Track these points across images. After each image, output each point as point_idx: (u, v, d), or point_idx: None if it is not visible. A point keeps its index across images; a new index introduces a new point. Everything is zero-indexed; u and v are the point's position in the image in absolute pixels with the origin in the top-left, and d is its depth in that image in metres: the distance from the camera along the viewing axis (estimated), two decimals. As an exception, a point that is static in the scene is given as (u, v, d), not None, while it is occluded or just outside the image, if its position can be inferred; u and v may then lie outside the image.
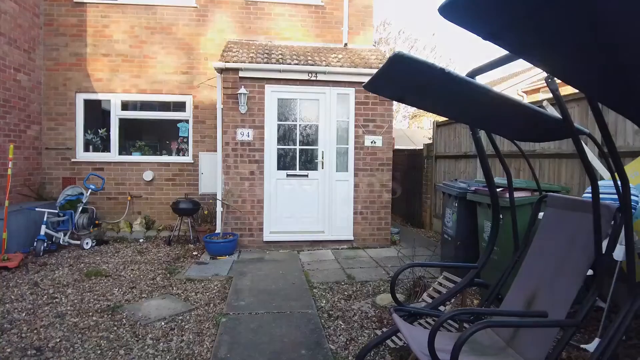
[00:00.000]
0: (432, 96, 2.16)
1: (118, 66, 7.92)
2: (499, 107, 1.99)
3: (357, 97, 6.75)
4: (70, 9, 7.86)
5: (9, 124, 6.95)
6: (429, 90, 2.05)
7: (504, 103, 1.89)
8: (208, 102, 7.91)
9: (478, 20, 1.18)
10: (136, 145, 8.17)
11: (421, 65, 1.74)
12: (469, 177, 7.05)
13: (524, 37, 1.27)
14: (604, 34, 1.03)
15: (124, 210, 7.83)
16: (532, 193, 4.15)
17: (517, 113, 2.01)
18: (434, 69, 1.74)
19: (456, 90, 1.90)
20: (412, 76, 1.88)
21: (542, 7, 1.01)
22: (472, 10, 1.12)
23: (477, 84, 1.81)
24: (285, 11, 8.20)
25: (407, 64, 1.76)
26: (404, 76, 1.92)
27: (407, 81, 1.99)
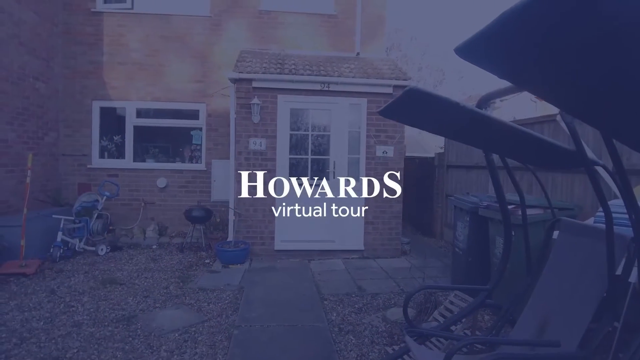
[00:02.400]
0: (445, 124, 2.19)
1: (134, 74, 8.06)
2: (512, 136, 2.01)
3: (369, 108, 6.78)
4: (88, 18, 8.03)
5: (28, 132, 7.12)
6: (443, 119, 2.08)
7: (518, 134, 1.91)
8: (221, 111, 8.00)
9: (492, 63, 1.22)
10: (150, 152, 8.30)
11: (435, 99, 1.77)
12: (480, 188, 7.03)
13: (536, 81, 1.30)
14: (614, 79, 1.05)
15: (137, 217, 7.95)
16: (545, 210, 4.13)
17: (531, 143, 2.03)
18: (448, 103, 1.77)
19: (470, 121, 1.93)
20: (426, 108, 1.92)
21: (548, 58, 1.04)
22: (485, 53, 1.16)
23: (493, 118, 1.84)
24: (298, 20, 8.27)
25: (422, 98, 1.79)
26: (418, 107, 1.96)
27: (421, 111, 2.03)
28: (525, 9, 0.87)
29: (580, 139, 1.97)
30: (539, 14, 0.87)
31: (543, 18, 0.88)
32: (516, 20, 0.92)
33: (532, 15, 0.88)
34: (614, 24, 0.82)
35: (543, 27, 0.91)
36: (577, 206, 4.47)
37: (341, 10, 8.37)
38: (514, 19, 0.91)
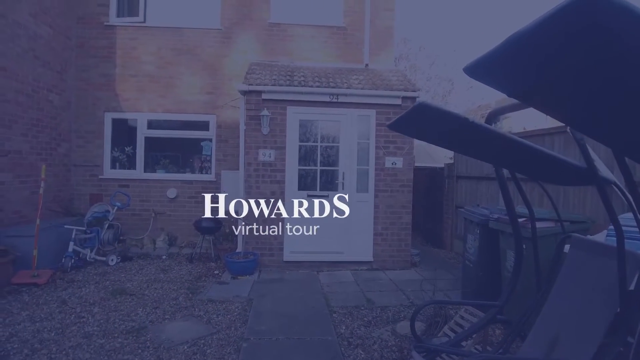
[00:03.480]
0: (454, 139, 2.20)
1: (145, 86, 8.18)
2: (522, 153, 2.01)
3: (377, 119, 6.79)
4: (101, 31, 8.18)
5: (41, 143, 7.24)
6: (452, 134, 2.08)
7: (528, 151, 1.91)
8: (231, 122, 8.07)
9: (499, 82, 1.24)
10: (160, 163, 8.39)
11: (444, 115, 1.78)
12: (490, 199, 6.98)
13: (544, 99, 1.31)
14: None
15: (147, 227, 8.00)
16: (556, 223, 4.09)
17: (541, 159, 2.02)
18: (457, 118, 1.78)
19: (480, 136, 1.93)
20: (435, 122, 1.92)
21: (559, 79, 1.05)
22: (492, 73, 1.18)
23: (503, 134, 1.84)
24: (307, 33, 8.35)
25: (431, 113, 1.80)
26: (427, 122, 1.96)
27: (430, 126, 2.03)
28: (532, 33, 0.88)
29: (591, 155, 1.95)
30: (546, 38, 0.88)
31: (550, 41, 0.89)
32: (523, 43, 0.93)
33: (539, 39, 0.89)
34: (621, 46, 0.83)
35: (550, 49, 0.92)
36: (589, 219, 4.41)
37: (350, 22, 8.44)
38: (522, 41, 0.93)
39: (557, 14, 0.80)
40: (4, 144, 6.34)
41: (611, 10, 0.75)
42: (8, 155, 6.40)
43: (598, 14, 0.77)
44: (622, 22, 0.76)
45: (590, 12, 0.77)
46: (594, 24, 0.79)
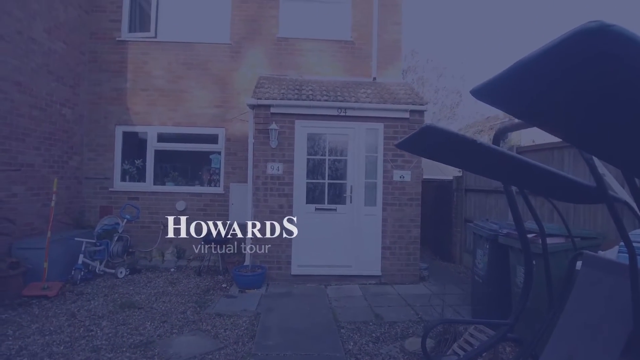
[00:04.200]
0: (462, 159, 2.20)
1: (155, 100, 8.29)
2: (530, 172, 2.00)
3: (385, 132, 6.81)
4: (113, 46, 8.34)
5: (54, 156, 7.35)
6: (459, 154, 2.08)
7: (536, 170, 1.90)
8: (239, 135, 8.14)
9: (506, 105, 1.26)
10: (170, 175, 8.46)
11: (451, 137, 1.78)
12: (500, 213, 6.93)
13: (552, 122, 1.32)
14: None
15: (156, 239, 8.05)
16: (567, 239, 4.05)
17: (549, 178, 2.01)
18: (464, 140, 1.78)
19: (487, 156, 1.93)
20: (442, 143, 1.93)
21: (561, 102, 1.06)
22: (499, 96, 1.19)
23: (510, 155, 1.84)
24: (316, 47, 8.44)
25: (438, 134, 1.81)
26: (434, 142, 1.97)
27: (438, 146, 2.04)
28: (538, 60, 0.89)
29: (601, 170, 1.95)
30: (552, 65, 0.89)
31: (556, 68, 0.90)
32: (529, 69, 0.95)
33: (545, 65, 0.91)
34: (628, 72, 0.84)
35: (556, 76, 0.93)
36: (600, 235, 4.36)
37: (357, 36, 8.52)
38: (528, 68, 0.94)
39: (563, 42, 0.81)
40: (17, 158, 6.44)
41: (617, 40, 0.76)
42: (21, 169, 6.49)
43: (604, 43, 0.78)
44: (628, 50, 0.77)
45: (596, 41, 0.78)
46: (601, 53, 0.80)
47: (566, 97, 1.01)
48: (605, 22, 0.75)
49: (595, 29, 0.75)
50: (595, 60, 0.82)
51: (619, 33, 0.75)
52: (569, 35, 0.79)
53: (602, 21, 0.75)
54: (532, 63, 0.92)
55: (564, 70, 0.89)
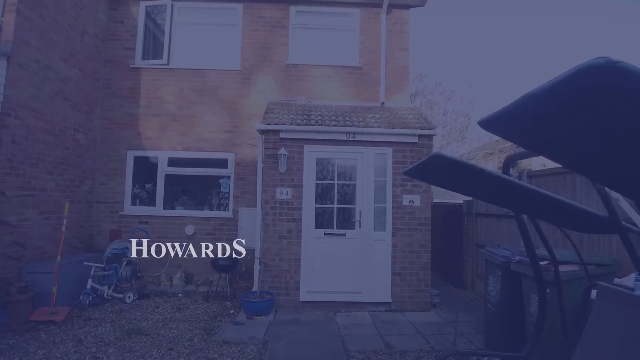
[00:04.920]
0: (471, 187, 2.17)
1: (167, 125, 8.43)
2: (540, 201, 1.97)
3: (394, 157, 6.81)
4: (127, 73, 8.55)
5: (66, 180, 7.44)
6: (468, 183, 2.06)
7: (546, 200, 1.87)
8: (249, 159, 8.19)
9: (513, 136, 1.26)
10: (179, 199, 8.50)
11: (460, 166, 1.77)
12: (511, 238, 6.81)
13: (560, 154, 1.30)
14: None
15: (165, 263, 8.03)
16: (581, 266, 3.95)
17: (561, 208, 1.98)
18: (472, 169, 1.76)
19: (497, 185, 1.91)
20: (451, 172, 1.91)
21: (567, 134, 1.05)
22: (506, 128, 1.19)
23: (520, 184, 1.81)
24: (324, 73, 8.56)
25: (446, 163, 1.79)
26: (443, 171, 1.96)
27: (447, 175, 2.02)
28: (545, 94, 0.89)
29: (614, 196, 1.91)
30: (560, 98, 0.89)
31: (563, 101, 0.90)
32: (536, 103, 0.95)
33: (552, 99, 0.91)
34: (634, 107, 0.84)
35: (563, 109, 0.93)
36: (616, 262, 4.25)
37: (366, 62, 8.63)
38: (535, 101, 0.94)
39: (569, 78, 0.82)
40: (30, 182, 6.54)
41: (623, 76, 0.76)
42: (34, 194, 6.58)
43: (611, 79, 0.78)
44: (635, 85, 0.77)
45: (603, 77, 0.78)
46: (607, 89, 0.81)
47: (573, 130, 1.01)
48: (612, 58, 0.75)
49: (602, 66, 0.75)
50: (602, 95, 0.83)
51: (626, 70, 0.75)
52: (576, 71, 0.80)
53: (609, 58, 0.75)
54: (539, 97, 0.92)
55: (570, 105, 0.90)
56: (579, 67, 0.79)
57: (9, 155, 6.10)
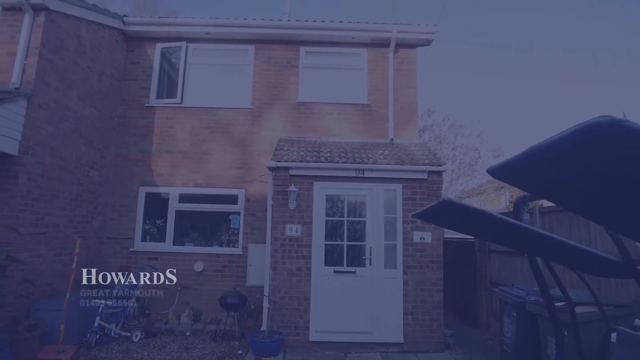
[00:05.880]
0: (482, 231, 2.16)
1: (179, 162, 8.56)
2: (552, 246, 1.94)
3: (404, 193, 6.80)
4: (141, 111, 8.79)
5: (78, 217, 7.53)
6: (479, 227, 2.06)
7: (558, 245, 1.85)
8: (259, 196, 8.24)
9: (521, 184, 1.28)
10: (189, 235, 8.52)
11: (469, 211, 1.77)
12: (525, 275, 6.65)
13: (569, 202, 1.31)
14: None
15: (173, 300, 7.94)
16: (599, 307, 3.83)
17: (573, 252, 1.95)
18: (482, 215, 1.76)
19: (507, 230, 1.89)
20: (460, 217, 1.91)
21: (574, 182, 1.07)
22: (514, 176, 1.22)
23: (530, 229, 1.80)
24: (334, 110, 8.72)
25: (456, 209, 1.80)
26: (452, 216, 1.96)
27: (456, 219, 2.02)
28: (551, 148, 0.92)
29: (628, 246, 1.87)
30: (564, 152, 0.92)
31: (568, 155, 0.92)
32: (543, 155, 0.97)
33: (557, 153, 0.93)
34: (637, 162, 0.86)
35: (568, 162, 0.95)
36: (635, 302, 4.14)
37: (374, 99, 8.79)
38: (542, 153, 0.96)
39: (574, 134, 0.84)
40: (44, 219, 6.62)
41: (627, 134, 0.78)
42: (46, 232, 6.65)
43: (614, 137, 0.80)
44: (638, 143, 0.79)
45: (607, 135, 0.80)
46: (611, 145, 0.83)
47: (577, 180, 1.03)
48: (615, 117, 0.78)
49: (606, 124, 0.77)
50: (606, 151, 0.85)
51: (630, 128, 0.77)
52: (581, 127, 0.82)
53: (613, 116, 0.78)
54: (544, 150, 0.95)
55: (574, 158, 0.93)
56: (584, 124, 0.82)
57: (24, 192, 6.22)
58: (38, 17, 6.57)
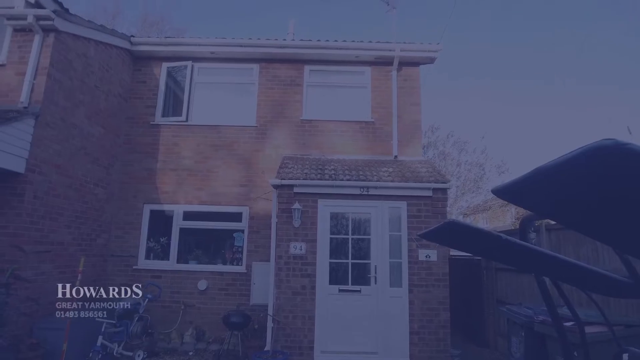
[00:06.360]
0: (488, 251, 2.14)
1: (183, 180, 8.59)
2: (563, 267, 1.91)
3: (409, 211, 6.77)
4: (147, 129, 8.87)
5: (82, 234, 7.53)
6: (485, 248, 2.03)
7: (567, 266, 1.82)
8: (263, 213, 8.22)
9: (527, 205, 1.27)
10: (193, 253, 8.49)
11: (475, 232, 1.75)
12: (533, 294, 6.55)
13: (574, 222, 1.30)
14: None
15: (176, 319, 7.87)
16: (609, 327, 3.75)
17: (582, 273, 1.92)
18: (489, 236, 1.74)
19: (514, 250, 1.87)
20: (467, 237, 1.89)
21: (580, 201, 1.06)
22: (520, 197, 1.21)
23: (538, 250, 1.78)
24: (338, 128, 8.76)
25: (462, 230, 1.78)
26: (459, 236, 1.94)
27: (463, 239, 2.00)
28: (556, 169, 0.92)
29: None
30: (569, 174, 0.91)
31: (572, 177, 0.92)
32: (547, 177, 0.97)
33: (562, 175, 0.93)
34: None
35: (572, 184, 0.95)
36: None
37: (378, 117, 8.83)
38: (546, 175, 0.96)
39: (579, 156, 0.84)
40: (48, 236, 6.63)
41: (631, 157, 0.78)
42: (51, 251, 6.65)
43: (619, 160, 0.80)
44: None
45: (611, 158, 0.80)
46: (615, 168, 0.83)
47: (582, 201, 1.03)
48: (619, 140, 0.78)
49: (610, 147, 0.78)
50: (610, 173, 0.85)
51: (634, 152, 0.77)
52: (585, 150, 0.82)
53: (617, 139, 0.78)
54: (549, 172, 0.95)
55: (579, 181, 0.93)
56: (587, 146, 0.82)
57: (29, 210, 6.24)
58: (47, 38, 6.70)
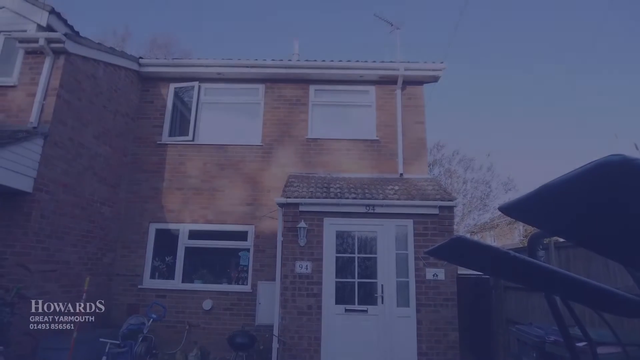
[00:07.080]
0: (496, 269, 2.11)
1: (189, 198, 8.62)
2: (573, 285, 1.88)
3: (415, 229, 6.72)
4: (154, 149, 8.94)
5: (88, 253, 7.53)
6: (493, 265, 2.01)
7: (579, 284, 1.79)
8: (268, 232, 8.20)
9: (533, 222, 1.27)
10: (198, 272, 8.44)
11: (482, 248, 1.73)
12: (543, 313, 6.42)
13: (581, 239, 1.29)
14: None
15: (181, 339, 7.77)
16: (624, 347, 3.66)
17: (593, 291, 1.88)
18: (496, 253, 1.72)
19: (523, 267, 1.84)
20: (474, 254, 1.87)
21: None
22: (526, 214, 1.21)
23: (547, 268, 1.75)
24: (343, 146, 8.79)
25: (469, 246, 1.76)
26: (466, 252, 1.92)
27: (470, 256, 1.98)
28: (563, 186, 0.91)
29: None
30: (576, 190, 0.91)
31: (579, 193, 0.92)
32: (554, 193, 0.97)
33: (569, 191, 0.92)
34: None
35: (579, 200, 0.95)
36: (661, 343, 3.93)
37: (383, 135, 8.86)
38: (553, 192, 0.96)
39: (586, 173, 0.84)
40: (54, 255, 6.64)
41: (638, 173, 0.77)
42: (57, 270, 6.64)
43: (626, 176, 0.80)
44: None
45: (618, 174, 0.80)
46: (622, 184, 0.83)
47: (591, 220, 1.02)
48: (627, 156, 0.78)
49: (618, 163, 0.77)
50: (617, 189, 0.85)
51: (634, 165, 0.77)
52: (592, 166, 0.82)
53: (624, 155, 0.78)
54: (556, 188, 0.95)
55: (586, 197, 0.92)
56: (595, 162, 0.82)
57: (36, 229, 6.27)
58: (58, 59, 6.84)
